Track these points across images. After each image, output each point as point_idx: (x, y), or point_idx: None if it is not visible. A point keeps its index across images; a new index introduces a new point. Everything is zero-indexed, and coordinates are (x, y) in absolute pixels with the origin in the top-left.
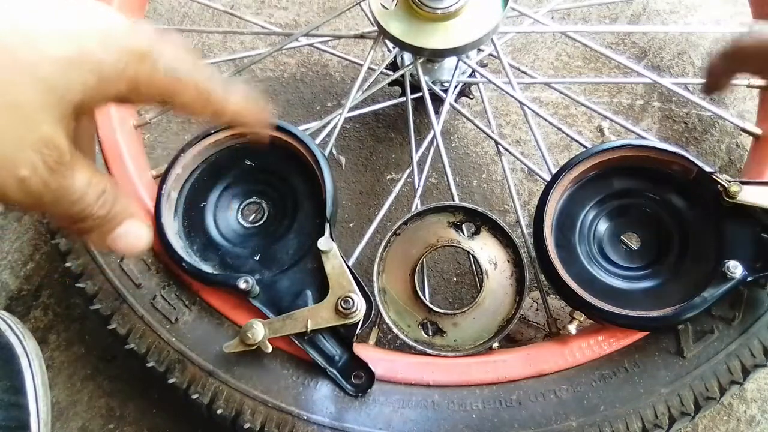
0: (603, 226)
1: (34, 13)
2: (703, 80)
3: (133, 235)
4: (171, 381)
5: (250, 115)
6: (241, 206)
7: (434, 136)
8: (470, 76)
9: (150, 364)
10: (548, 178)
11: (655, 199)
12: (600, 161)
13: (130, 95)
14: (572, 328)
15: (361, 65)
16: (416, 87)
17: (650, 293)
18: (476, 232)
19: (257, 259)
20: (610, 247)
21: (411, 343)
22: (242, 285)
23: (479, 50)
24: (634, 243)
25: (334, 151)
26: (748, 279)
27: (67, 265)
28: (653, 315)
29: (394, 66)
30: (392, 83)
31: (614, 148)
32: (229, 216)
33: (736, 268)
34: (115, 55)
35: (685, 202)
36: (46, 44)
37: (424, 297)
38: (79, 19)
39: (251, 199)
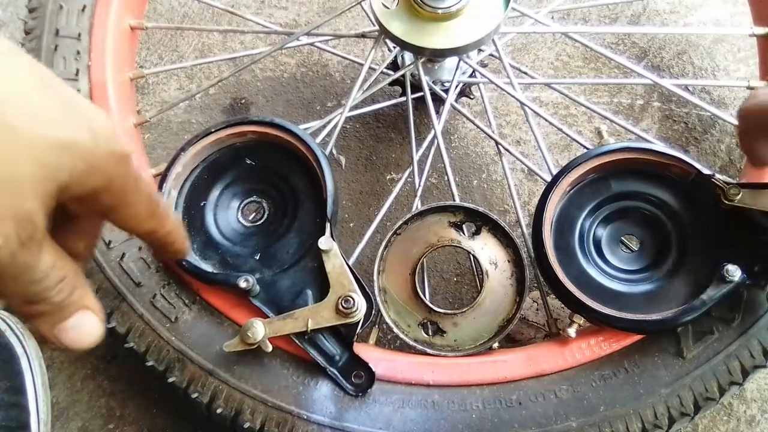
0: (602, 229)
1: (38, 100)
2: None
3: (84, 329)
4: (171, 380)
5: (179, 237)
6: (242, 205)
7: (435, 136)
8: (471, 76)
9: (149, 363)
10: (548, 178)
11: (654, 201)
12: (598, 164)
13: (100, 194)
14: (572, 331)
15: (361, 65)
16: (417, 87)
17: (649, 296)
18: (477, 232)
19: (257, 258)
20: (609, 250)
21: (411, 342)
22: (242, 284)
23: (480, 50)
24: (633, 245)
25: (334, 151)
26: (747, 282)
27: None
28: (652, 318)
29: (394, 66)
30: (393, 83)
31: (612, 151)
32: (229, 215)
33: (735, 272)
34: (102, 151)
35: (684, 205)
36: (46, 128)
37: (425, 297)
38: (75, 111)
39: (251, 198)
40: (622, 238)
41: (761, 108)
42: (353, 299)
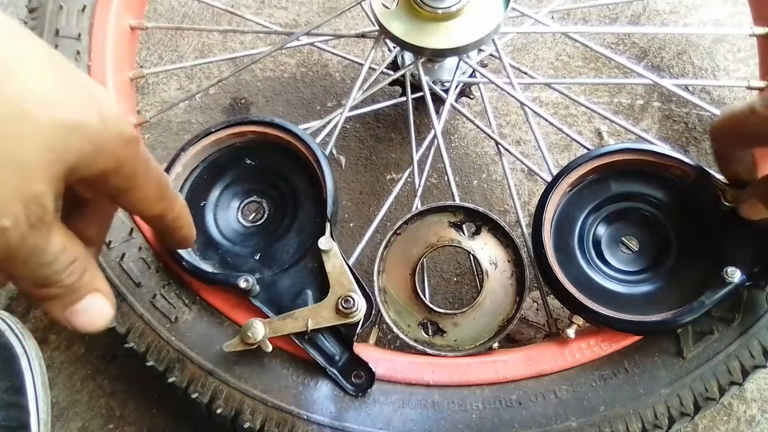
0: (601, 230)
1: (46, 82)
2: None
3: (95, 311)
4: (171, 380)
5: (187, 223)
6: (242, 205)
7: (435, 136)
8: (471, 76)
9: (149, 363)
10: (548, 178)
11: (654, 202)
12: (598, 165)
13: (109, 177)
14: (571, 332)
15: (361, 65)
16: (417, 87)
17: (649, 297)
18: (477, 232)
19: (257, 258)
20: (609, 251)
21: (411, 342)
22: (242, 284)
23: (480, 50)
24: (633, 246)
25: (334, 151)
26: (747, 284)
27: None
28: (651, 319)
29: (394, 66)
30: (393, 83)
31: (613, 152)
32: (229, 215)
33: (734, 274)
34: (110, 133)
35: (684, 206)
36: (54, 110)
37: (425, 297)
38: (83, 93)
39: (251, 198)
40: (622, 238)
41: (726, 122)
42: (353, 299)
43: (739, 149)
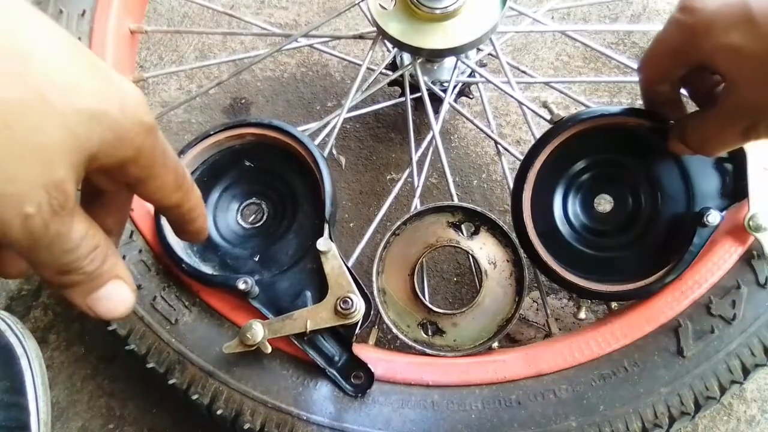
0: (578, 204)
1: (67, 69)
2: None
3: (116, 298)
4: (171, 382)
5: (202, 214)
6: (241, 207)
7: (433, 137)
8: (470, 75)
9: (150, 365)
10: None
11: (622, 162)
12: (563, 139)
13: (128, 166)
14: (582, 313)
15: (360, 65)
16: (416, 87)
17: (642, 260)
18: (475, 232)
19: (257, 259)
20: (591, 223)
21: (410, 343)
22: (241, 286)
23: (478, 50)
24: (608, 206)
25: (334, 151)
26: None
27: None
28: (653, 280)
29: (393, 66)
30: (392, 83)
31: (571, 125)
32: (228, 217)
33: (714, 216)
34: (130, 121)
35: (651, 157)
36: (77, 97)
37: (424, 297)
38: (104, 81)
39: (251, 200)
40: (598, 206)
41: (650, 48)
42: (351, 300)
43: (663, 76)
